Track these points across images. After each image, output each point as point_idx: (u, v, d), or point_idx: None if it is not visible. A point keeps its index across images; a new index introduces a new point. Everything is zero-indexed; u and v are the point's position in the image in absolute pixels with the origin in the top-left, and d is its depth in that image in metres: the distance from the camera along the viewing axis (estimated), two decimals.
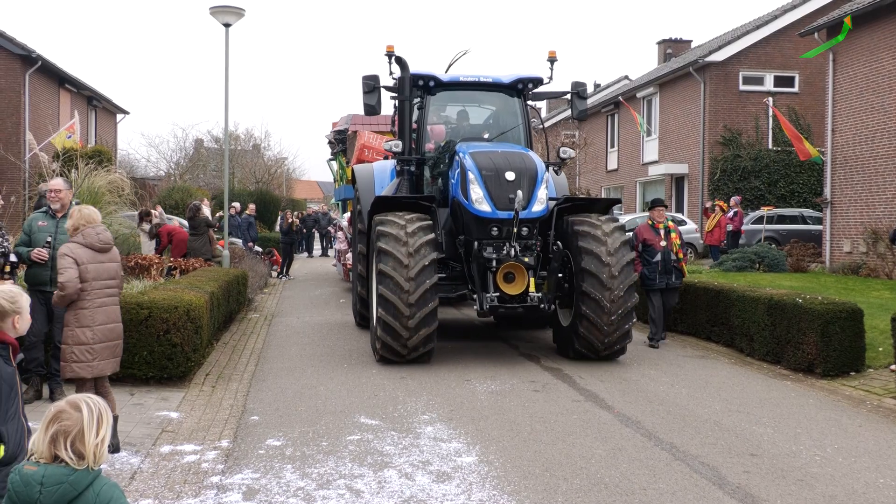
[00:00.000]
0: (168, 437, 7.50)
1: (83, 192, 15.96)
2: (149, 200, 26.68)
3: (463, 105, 13.76)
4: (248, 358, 11.56)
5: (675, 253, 12.55)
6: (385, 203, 11.65)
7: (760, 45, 30.46)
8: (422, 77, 12.65)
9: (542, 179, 11.20)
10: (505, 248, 10.88)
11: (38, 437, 3.14)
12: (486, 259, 10.90)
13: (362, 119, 21.82)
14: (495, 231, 10.95)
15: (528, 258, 10.95)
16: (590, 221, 11.25)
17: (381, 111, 12.50)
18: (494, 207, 10.88)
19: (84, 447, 3.11)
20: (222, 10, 17.63)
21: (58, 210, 8.55)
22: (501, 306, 10.81)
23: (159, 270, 14.15)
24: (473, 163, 11.12)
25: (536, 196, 11.09)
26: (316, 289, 22.26)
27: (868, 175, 21.39)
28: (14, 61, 28.18)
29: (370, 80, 12.33)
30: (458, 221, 11.66)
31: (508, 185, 10.92)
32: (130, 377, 9.29)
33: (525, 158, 11.39)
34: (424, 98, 12.85)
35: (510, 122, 13.19)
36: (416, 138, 12.86)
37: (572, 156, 12.05)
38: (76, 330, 6.86)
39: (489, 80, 12.93)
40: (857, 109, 21.84)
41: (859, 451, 7.27)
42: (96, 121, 36.84)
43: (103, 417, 3.19)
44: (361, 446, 7.25)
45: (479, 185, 10.95)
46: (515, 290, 10.72)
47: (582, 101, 13.01)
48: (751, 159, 29.87)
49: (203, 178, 50.64)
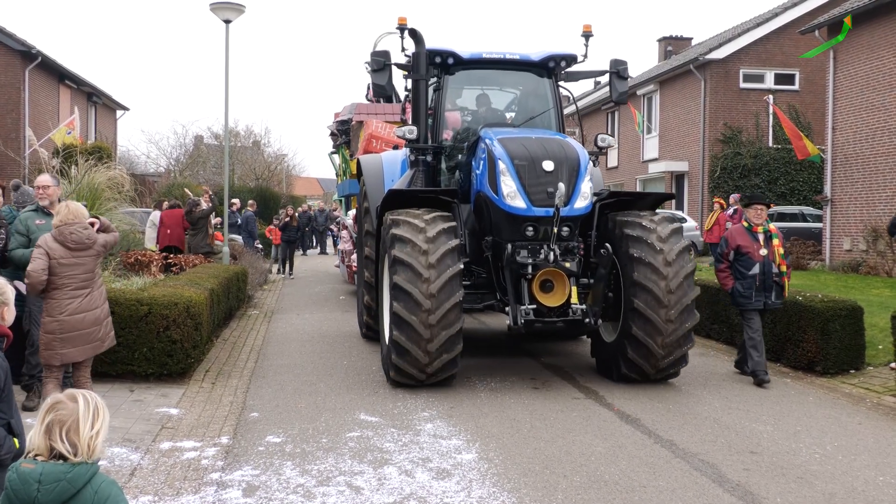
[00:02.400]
0: (168, 433, 7.50)
1: (83, 188, 15.96)
2: (150, 197, 26.72)
3: (482, 87, 11.89)
4: (247, 355, 11.56)
5: (778, 265, 10.02)
6: (399, 198, 10.05)
7: (761, 42, 30.46)
8: (439, 53, 10.90)
9: (585, 170, 9.56)
10: (542, 252, 9.26)
11: (35, 430, 3.16)
12: (519, 264, 9.26)
13: (368, 108, 20.52)
14: (531, 231, 9.38)
15: (570, 263, 9.30)
16: (641, 223, 9.54)
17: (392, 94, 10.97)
18: (530, 203, 9.27)
19: (78, 438, 3.11)
20: (223, 7, 17.66)
21: (47, 206, 8.39)
22: (538, 321, 9.15)
23: (159, 266, 14.16)
24: (504, 150, 9.47)
25: (579, 189, 9.43)
26: (316, 285, 22.27)
27: (868, 173, 21.40)
28: (14, 57, 28.18)
29: (380, 57, 10.66)
30: (483, 220, 10.11)
31: (546, 176, 9.31)
32: (130, 373, 9.29)
33: (564, 145, 9.70)
34: (442, 78, 11.08)
35: (539, 105, 11.51)
36: (432, 124, 11.06)
37: (612, 144, 10.61)
38: (45, 318, 7.14)
39: (516, 58, 11.18)
40: (858, 107, 21.84)
41: (859, 448, 7.27)
42: (96, 117, 36.84)
43: (99, 411, 3.21)
44: (361, 443, 7.25)
45: (512, 177, 9.33)
46: (555, 302, 9.12)
47: (622, 82, 11.20)
48: (751, 157, 29.87)
49: (203, 175, 50.68)
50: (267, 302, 18.21)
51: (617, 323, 9.68)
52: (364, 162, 13.08)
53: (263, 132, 78.20)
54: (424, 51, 10.53)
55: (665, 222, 9.63)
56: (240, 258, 19.53)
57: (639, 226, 9.50)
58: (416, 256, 8.84)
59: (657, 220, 9.61)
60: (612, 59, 11.14)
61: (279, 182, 59.80)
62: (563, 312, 9.23)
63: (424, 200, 9.96)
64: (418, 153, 10.85)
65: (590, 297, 9.47)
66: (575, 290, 9.26)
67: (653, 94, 35.38)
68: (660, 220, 9.62)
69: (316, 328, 14.22)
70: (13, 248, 8.29)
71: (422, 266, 8.79)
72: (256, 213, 38.76)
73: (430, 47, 10.68)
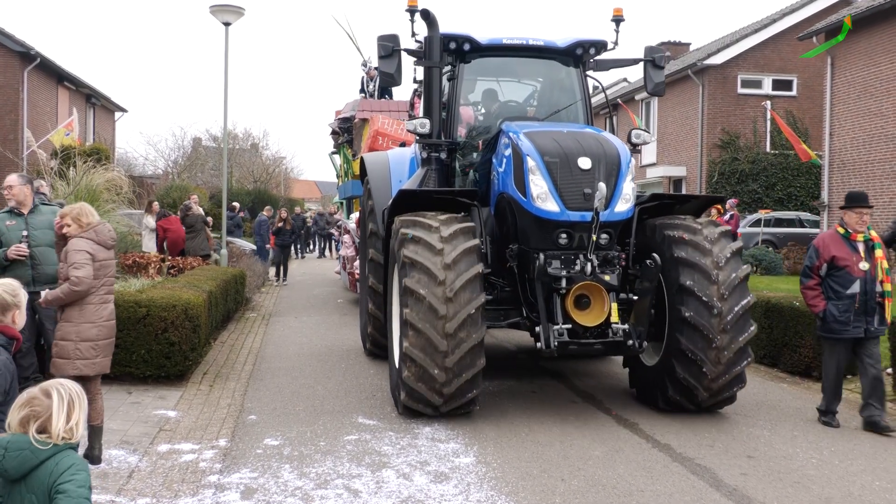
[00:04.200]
0: (166, 435, 7.50)
1: (81, 189, 15.96)
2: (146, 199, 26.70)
3: (498, 78, 10.77)
4: (245, 357, 11.57)
5: (881, 281, 8.26)
6: (410, 199, 8.98)
7: (759, 48, 30.54)
8: (454, 38, 9.76)
9: (627, 169, 8.38)
10: (578, 263, 8.07)
11: (11, 416, 3.35)
12: (551, 277, 8.04)
13: (372, 104, 19.48)
14: (564, 239, 8.17)
15: (610, 276, 8.09)
16: (685, 224, 8.54)
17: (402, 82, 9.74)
18: (564, 206, 8.07)
19: (51, 431, 3.31)
20: (222, 9, 17.68)
21: (15, 207, 8.19)
22: (573, 343, 7.89)
23: (157, 268, 14.16)
24: (533, 145, 8.31)
25: (621, 191, 8.26)
26: (314, 288, 22.29)
27: (865, 179, 21.46)
28: (13, 58, 28.19)
29: (388, 42, 9.38)
30: (507, 225, 8.87)
31: (582, 175, 8.13)
32: (128, 375, 9.29)
33: (601, 140, 8.51)
34: (457, 66, 9.93)
35: (564, 98, 10.31)
36: (445, 118, 9.91)
37: (647, 141, 9.51)
38: (81, 326, 6.70)
39: (540, 44, 10.03)
40: (855, 113, 21.90)
41: (855, 453, 7.29)
42: (95, 118, 36.85)
43: (74, 402, 3.38)
44: (359, 446, 7.26)
45: (543, 176, 8.14)
46: (592, 321, 7.85)
47: (658, 72, 10.00)
48: (749, 162, 29.94)
49: (201, 177, 50.73)
50: (265, 305, 18.22)
51: (660, 343, 8.51)
52: (369, 160, 11.87)
53: (262, 135, 78.20)
54: (438, 35, 9.33)
55: (711, 225, 8.65)
56: (238, 261, 19.54)
57: (682, 226, 8.50)
58: (430, 257, 7.78)
59: (702, 222, 8.66)
60: (647, 47, 10.07)
61: (277, 185, 59.89)
62: (601, 333, 7.96)
63: (439, 202, 8.91)
64: (431, 150, 9.73)
65: (632, 315, 8.26)
66: (615, 306, 8.04)
67: (651, 99, 35.43)
68: (706, 223, 8.66)
69: (314, 331, 14.22)
70: None
71: (437, 267, 7.71)
72: (252, 214, 38.88)
73: (445, 32, 9.58)
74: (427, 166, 9.81)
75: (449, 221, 8.23)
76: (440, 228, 8.04)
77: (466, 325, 7.63)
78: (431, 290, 7.63)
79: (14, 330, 4.27)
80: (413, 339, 7.64)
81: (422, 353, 7.62)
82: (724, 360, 7.99)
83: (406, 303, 7.74)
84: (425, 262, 7.74)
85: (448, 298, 7.60)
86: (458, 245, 7.89)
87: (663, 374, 8.37)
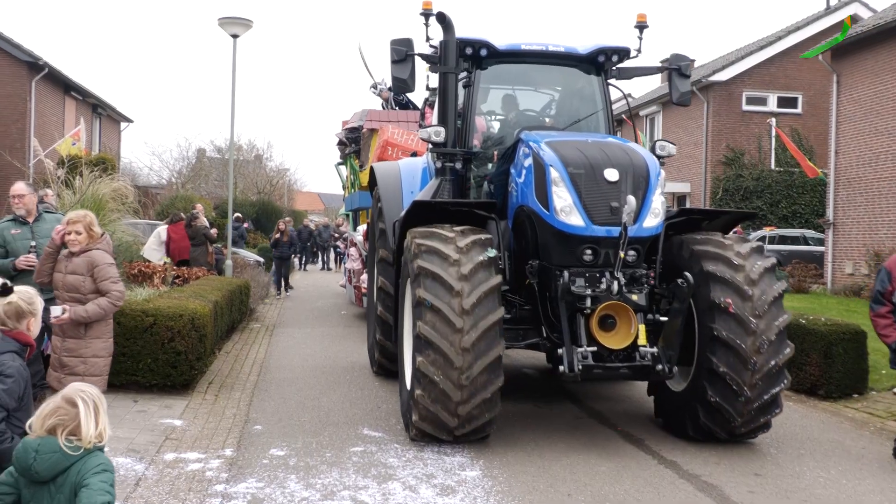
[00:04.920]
0: (172, 444, 7.50)
1: (87, 199, 15.99)
2: (152, 208, 26.76)
3: (513, 87, 10.31)
4: (250, 367, 11.56)
5: None
6: (425, 210, 8.48)
7: (764, 65, 30.62)
8: (471, 44, 9.30)
9: (656, 181, 7.92)
10: (604, 281, 7.57)
11: (36, 423, 3.41)
12: (575, 296, 7.52)
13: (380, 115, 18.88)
14: (589, 255, 7.73)
15: (637, 295, 7.63)
16: (715, 240, 8.11)
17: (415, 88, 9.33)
18: (589, 220, 7.63)
19: (81, 438, 3.38)
20: (231, 22, 17.76)
21: (24, 216, 8.17)
22: (598, 367, 7.42)
23: (162, 278, 14.17)
24: (556, 155, 7.86)
25: (650, 205, 7.79)
26: (317, 300, 22.29)
27: (871, 197, 21.45)
28: (21, 68, 28.30)
29: (401, 46, 8.96)
30: (526, 240, 8.38)
31: (609, 187, 7.69)
32: (134, 384, 9.29)
33: (629, 151, 8.06)
34: (473, 73, 9.51)
35: (585, 107, 9.87)
36: (460, 126, 9.50)
37: (672, 153, 9.05)
38: (109, 342, 6.86)
39: (560, 51, 9.58)
40: (861, 132, 21.92)
41: (863, 473, 7.26)
42: (101, 129, 36.95)
43: (99, 407, 3.46)
44: (365, 458, 7.25)
45: (567, 188, 7.69)
46: (619, 343, 7.41)
47: (684, 81, 9.62)
48: (753, 179, 29.97)
49: (205, 188, 50.81)
50: (269, 316, 18.23)
51: (688, 367, 8.00)
52: (379, 170, 11.31)
53: (266, 146, 78.48)
54: (455, 39, 8.93)
55: (741, 241, 8.22)
56: (242, 271, 19.55)
57: (711, 241, 8.08)
58: (445, 267, 7.35)
59: (734, 239, 8.24)
60: (673, 54, 9.64)
61: (280, 196, 59.96)
62: (628, 356, 7.49)
63: (455, 215, 8.42)
64: (445, 159, 9.26)
65: (661, 338, 7.64)
66: (643, 328, 7.54)
67: (655, 114, 35.51)
68: (737, 239, 8.23)
69: (318, 343, 14.21)
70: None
71: (452, 277, 7.27)
72: (256, 225, 38.96)
73: (461, 37, 9.13)
74: (441, 177, 9.33)
75: (466, 233, 7.83)
76: (456, 239, 7.63)
77: (484, 339, 7.15)
78: (447, 302, 7.18)
79: (28, 337, 4.30)
80: (427, 355, 7.15)
81: (436, 368, 7.11)
82: (759, 382, 7.50)
83: (419, 315, 7.29)
84: (440, 272, 7.30)
85: (464, 310, 7.13)
86: (475, 256, 7.47)
87: (693, 398, 7.84)
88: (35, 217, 8.22)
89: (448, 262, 7.39)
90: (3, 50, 28.19)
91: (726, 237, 8.25)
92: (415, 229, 8.02)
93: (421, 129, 9.54)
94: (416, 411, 7.35)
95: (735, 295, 7.59)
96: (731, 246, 7.98)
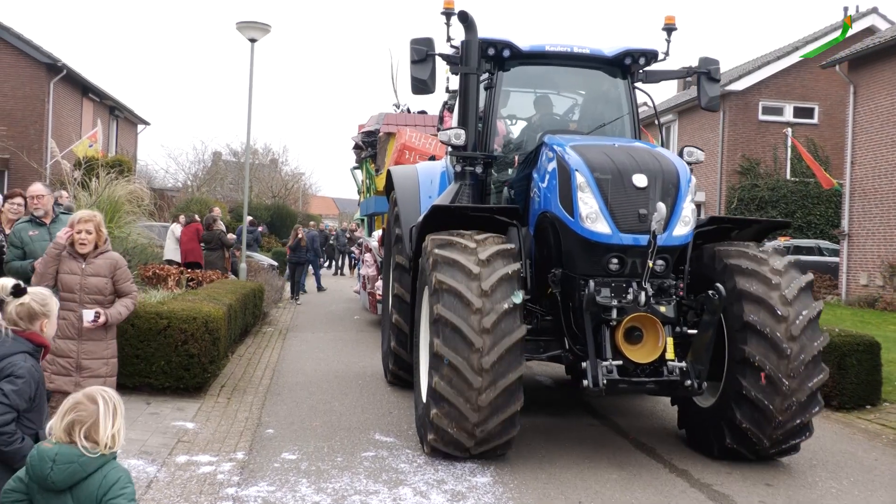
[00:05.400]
0: (184, 447, 7.53)
1: (103, 200, 16.10)
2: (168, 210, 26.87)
3: (535, 90, 10.00)
4: (262, 371, 11.60)
5: None
6: (444, 215, 8.16)
7: (781, 75, 30.54)
8: (493, 44, 9.04)
9: (687, 188, 7.56)
10: (630, 292, 7.27)
11: (55, 423, 3.41)
12: (600, 307, 7.23)
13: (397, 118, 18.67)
14: (616, 264, 7.41)
15: (665, 307, 7.37)
16: (748, 252, 7.71)
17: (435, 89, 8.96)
18: (616, 228, 7.29)
19: (98, 437, 3.37)
20: (249, 26, 17.85)
21: (42, 216, 8.17)
22: (624, 381, 7.14)
23: (176, 280, 14.25)
24: (582, 160, 7.53)
25: (680, 213, 7.46)
26: (330, 304, 22.34)
27: (887, 208, 21.36)
28: (39, 69, 28.56)
29: (422, 46, 8.69)
30: (549, 247, 8.04)
31: (637, 194, 7.35)
32: (147, 386, 9.34)
33: (657, 156, 7.72)
34: (495, 74, 9.26)
35: (610, 111, 9.56)
36: (481, 129, 9.21)
37: (700, 160, 8.55)
38: (110, 343, 6.92)
39: (586, 52, 9.31)
40: (878, 143, 21.83)
41: (875, 484, 7.23)
42: (118, 131, 37.22)
43: (118, 409, 3.46)
44: (376, 463, 7.27)
45: (593, 193, 7.36)
46: (645, 357, 7.12)
47: (713, 85, 9.29)
48: (768, 189, 29.86)
49: (220, 191, 51.00)
50: (282, 320, 18.28)
51: (716, 383, 7.62)
52: (396, 174, 11.02)
53: (281, 150, 78.65)
54: (477, 39, 8.70)
55: (777, 254, 7.84)
56: (256, 275, 19.63)
57: (744, 254, 7.69)
58: (465, 282, 7.03)
59: (768, 251, 7.87)
60: (702, 58, 9.35)
61: (295, 200, 60.14)
62: (655, 371, 7.21)
63: (476, 220, 8.09)
64: (466, 163, 8.98)
65: (690, 352, 7.34)
66: (671, 341, 7.24)
67: (671, 123, 35.43)
68: (771, 252, 7.85)
69: (330, 347, 14.25)
70: (9, 260, 8.09)
71: (472, 293, 6.94)
72: (271, 229, 39.01)
73: (483, 37, 8.89)
74: (461, 181, 9.03)
75: (487, 242, 7.46)
76: (477, 250, 7.27)
77: (504, 360, 6.84)
78: (466, 320, 6.85)
79: (41, 337, 4.32)
80: (444, 374, 6.88)
81: (453, 389, 6.85)
82: (791, 407, 7.16)
83: (437, 332, 6.97)
84: (459, 288, 6.97)
85: (484, 329, 6.82)
86: (498, 269, 7.11)
87: (720, 419, 7.52)
88: (52, 218, 8.25)
89: (468, 276, 7.05)
90: (22, 51, 28.45)
91: (761, 250, 7.85)
92: (433, 236, 7.70)
93: (440, 132, 9.23)
94: (431, 430, 7.13)
95: (768, 315, 7.23)
96: (766, 260, 7.58)
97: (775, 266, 7.54)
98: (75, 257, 6.72)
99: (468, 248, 7.31)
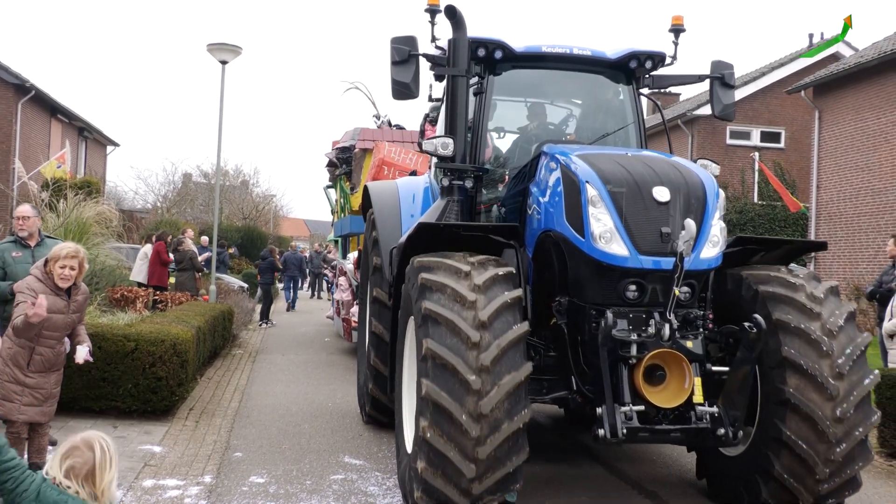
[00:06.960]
0: (151, 471, 7.45)
1: (71, 222, 15.96)
2: (136, 232, 26.68)
3: (525, 98, 8.96)
4: (231, 394, 11.51)
5: None
6: (431, 235, 6.95)
7: (748, 100, 30.96)
8: (484, 44, 7.99)
9: (715, 203, 6.55)
10: (652, 324, 6.14)
11: (54, 465, 3.44)
12: (616, 342, 6.11)
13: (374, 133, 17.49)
14: (634, 291, 6.33)
15: (692, 342, 6.26)
16: (782, 278, 6.63)
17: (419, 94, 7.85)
18: (635, 249, 6.22)
19: (94, 486, 3.42)
20: (220, 48, 17.85)
21: (27, 238, 8.08)
22: (646, 430, 6.00)
23: (144, 303, 14.12)
24: (592, 170, 6.47)
25: (708, 232, 6.40)
26: (301, 327, 22.22)
27: (851, 232, 21.69)
28: (7, 90, 28.31)
29: (404, 45, 7.58)
30: (551, 272, 7.00)
31: (658, 210, 6.28)
32: (114, 409, 9.24)
33: (679, 167, 6.64)
34: (485, 78, 8.18)
35: (613, 120, 8.59)
36: (471, 139, 8.09)
37: (715, 173, 7.39)
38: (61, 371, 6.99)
39: (587, 54, 8.30)
40: (842, 167, 22.21)
41: None
42: (86, 152, 36.95)
43: (113, 457, 3.50)
44: (345, 486, 7.23)
45: (608, 209, 6.30)
46: (670, 401, 6.04)
47: (728, 92, 8.32)
48: (736, 212, 30.15)
49: (190, 213, 50.68)
50: (251, 342, 18.16)
51: (749, 427, 6.51)
52: (374, 189, 9.87)
53: (252, 172, 78.38)
54: (466, 37, 7.36)
55: (814, 279, 6.75)
56: (225, 297, 19.50)
57: (776, 279, 6.63)
58: (458, 311, 5.87)
59: (802, 275, 6.78)
60: (715, 62, 8.36)
61: (266, 222, 59.90)
62: (682, 417, 6.08)
63: (467, 241, 6.90)
64: (454, 176, 7.75)
65: (723, 394, 6.21)
66: (699, 381, 6.12)
67: None
68: (807, 276, 6.77)
69: (300, 370, 14.17)
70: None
71: (468, 324, 5.79)
72: (241, 251, 38.80)
73: (473, 36, 7.68)
74: (448, 196, 7.77)
75: (483, 264, 6.31)
76: (472, 274, 6.12)
77: (507, 404, 5.67)
78: (461, 356, 5.69)
79: None
80: (434, 420, 5.63)
81: (445, 439, 5.61)
82: (838, 457, 6.06)
83: (426, 371, 5.75)
84: (453, 318, 5.80)
85: (483, 367, 5.65)
86: (497, 296, 5.97)
87: (753, 469, 6.44)
88: (37, 242, 8.15)
89: (463, 304, 5.90)
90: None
91: (794, 274, 6.78)
92: (420, 258, 6.51)
93: (425, 141, 7.83)
94: (418, 485, 5.80)
95: (811, 350, 6.17)
96: (802, 287, 6.51)
97: (814, 293, 6.48)
98: (58, 293, 6.53)
99: (461, 272, 6.14)
